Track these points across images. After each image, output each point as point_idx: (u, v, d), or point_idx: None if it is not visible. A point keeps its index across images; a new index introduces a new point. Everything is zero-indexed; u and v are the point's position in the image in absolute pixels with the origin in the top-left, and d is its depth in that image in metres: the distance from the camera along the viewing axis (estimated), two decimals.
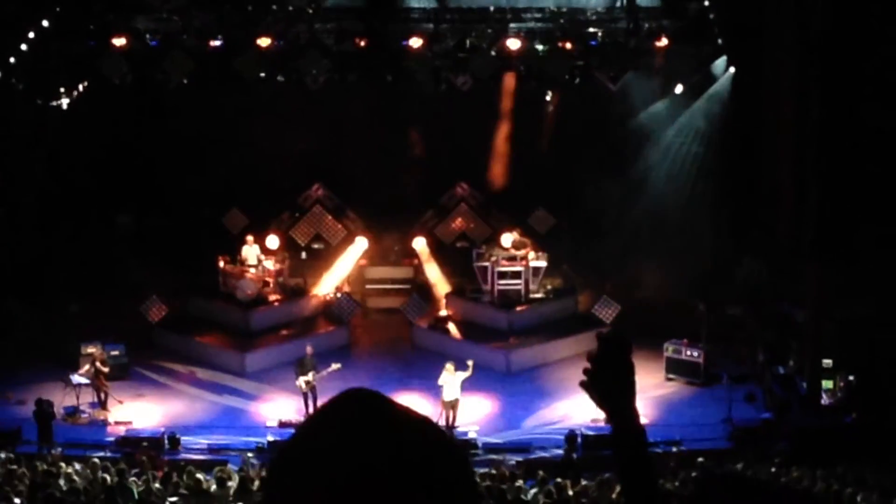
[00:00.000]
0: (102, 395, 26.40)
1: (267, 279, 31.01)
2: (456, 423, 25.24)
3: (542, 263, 30.77)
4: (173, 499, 17.83)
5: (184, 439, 24.49)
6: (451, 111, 33.53)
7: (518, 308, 30.43)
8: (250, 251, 31.13)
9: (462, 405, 25.79)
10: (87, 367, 26.40)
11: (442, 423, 24.77)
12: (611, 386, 3.20)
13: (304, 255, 34.25)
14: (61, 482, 18.25)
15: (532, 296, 30.73)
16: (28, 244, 32.34)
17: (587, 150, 34.63)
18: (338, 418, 2.38)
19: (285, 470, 2.33)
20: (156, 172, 34.25)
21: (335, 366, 26.12)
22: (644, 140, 34.13)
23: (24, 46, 30.32)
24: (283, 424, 25.23)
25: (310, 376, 25.69)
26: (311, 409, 25.61)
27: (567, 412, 26.31)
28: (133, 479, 18.87)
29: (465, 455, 2.39)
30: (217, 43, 31.04)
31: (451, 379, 25.25)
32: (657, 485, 3.41)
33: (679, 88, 33.11)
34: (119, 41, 30.48)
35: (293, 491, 2.27)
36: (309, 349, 26.61)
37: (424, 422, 2.39)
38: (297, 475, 2.29)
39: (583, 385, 3.24)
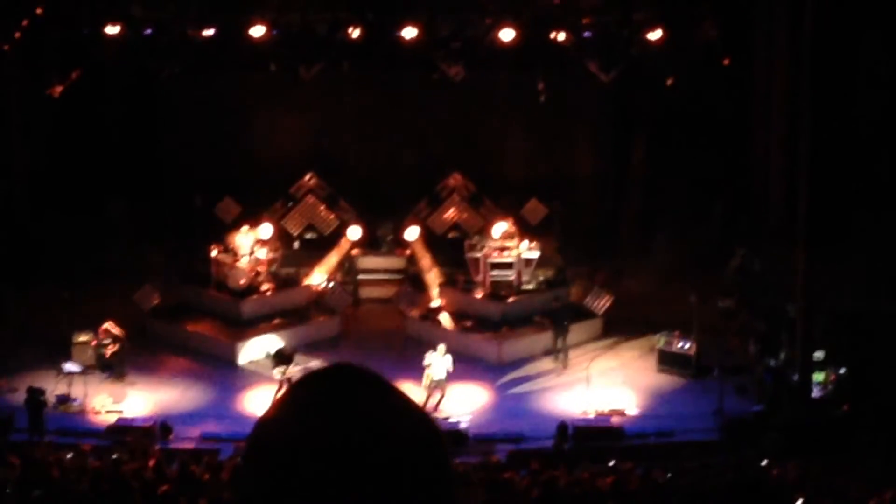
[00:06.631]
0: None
1: (259, 268, 30.96)
2: (440, 408, 25.50)
3: (535, 254, 30.71)
4: (164, 487, 17.83)
5: (175, 428, 24.54)
6: (444, 101, 33.52)
7: (510, 299, 30.40)
8: (243, 240, 31.03)
9: (450, 392, 26.02)
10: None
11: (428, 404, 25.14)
12: None
13: (296, 244, 34.18)
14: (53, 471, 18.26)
15: (524, 287, 30.69)
16: (20, 231, 32.29)
17: (580, 141, 34.75)
18: (323, 392, 2.40)
19: (267, 436, 2.36)
20: (148, 160, 34.24)
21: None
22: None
23: (17, 34, 30.22)
24: None
25: (281, 368, 26.08)
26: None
27: (558, 403, 26.39)
28: (124, 467, 18.88)
29: (442, 440, 2.41)
30: (210, 32, 30.92)
31: (438, 359, 25.69)
32: None
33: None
34: (113, 29, 30.35)
35: (271, 456, 2.30)
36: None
37: (408, 403, 2.41)
38: (275, 443, 2.32)
39: None
